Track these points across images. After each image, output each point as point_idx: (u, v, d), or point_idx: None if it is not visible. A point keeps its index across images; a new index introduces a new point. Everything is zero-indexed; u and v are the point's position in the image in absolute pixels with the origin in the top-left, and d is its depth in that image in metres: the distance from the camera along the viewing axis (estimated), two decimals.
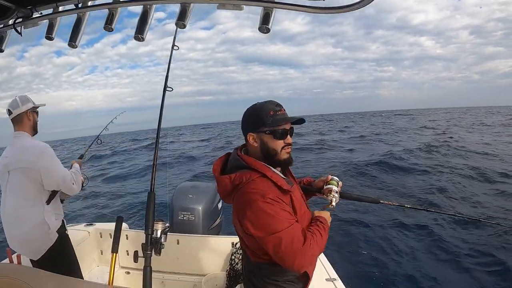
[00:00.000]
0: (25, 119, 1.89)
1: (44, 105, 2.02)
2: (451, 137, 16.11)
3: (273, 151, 1.20)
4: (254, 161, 1.20)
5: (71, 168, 2.10)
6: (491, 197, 6.55)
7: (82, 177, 2.11)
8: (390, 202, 1.68)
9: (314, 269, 1.35)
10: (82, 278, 2.06)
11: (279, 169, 1.28)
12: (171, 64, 1.95)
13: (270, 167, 1.22)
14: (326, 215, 1.33)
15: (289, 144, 1.22)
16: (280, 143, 1.20)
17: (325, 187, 1.45)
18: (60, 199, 2.01)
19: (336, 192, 1.43)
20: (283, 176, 1.26)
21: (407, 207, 1.75)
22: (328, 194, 1.42)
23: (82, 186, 2.11)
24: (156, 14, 1.33)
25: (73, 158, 2.37)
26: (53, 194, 1.91)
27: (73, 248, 2.03)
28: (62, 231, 1.94)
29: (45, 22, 1.34)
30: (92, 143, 2.84)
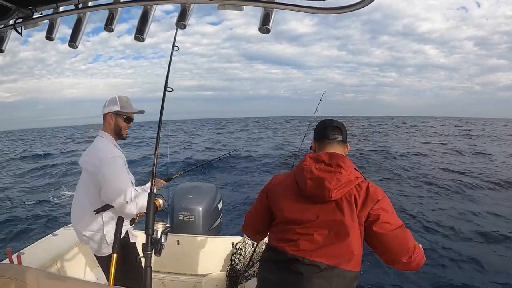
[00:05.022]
0: (107, 120, 1.88)
1: (142, 112, 1.95)
2: None
3: None
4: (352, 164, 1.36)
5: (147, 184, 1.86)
6: None
7: (160, 200, 1.84)
8: None
9: None
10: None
11: None
12: (171, 64, 1.93)
13: None
14: None
15: None
16: None
17: None
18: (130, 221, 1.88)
19: None
20: None
21: None
22: None
23: (157, 209, 1.83)
24: (163, 7, 1.33)
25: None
26: (105, 207, 1.78)
27: (139, 258, 1.85)
28: (125, 241, 1.85)
29: (46, 22, 1.34)
30: (190, 170, 2.80)
